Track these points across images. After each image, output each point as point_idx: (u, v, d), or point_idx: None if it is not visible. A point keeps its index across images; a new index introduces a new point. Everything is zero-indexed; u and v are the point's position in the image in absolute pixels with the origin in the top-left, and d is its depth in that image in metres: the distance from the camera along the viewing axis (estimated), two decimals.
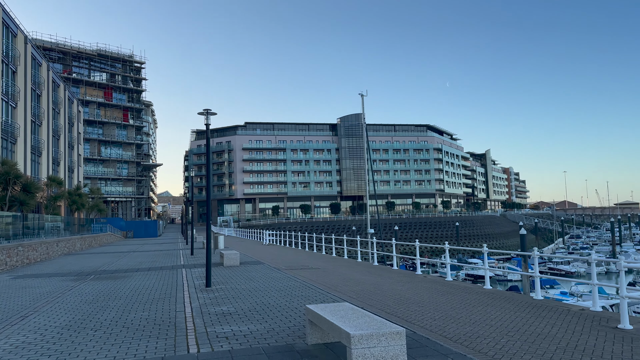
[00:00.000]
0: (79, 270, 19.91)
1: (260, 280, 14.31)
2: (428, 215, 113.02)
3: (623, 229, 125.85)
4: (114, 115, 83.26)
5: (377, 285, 12.80)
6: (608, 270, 61.69)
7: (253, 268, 18.04)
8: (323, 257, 22.66)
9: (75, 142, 63.25)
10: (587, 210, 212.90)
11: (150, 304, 10.61)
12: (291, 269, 17.27)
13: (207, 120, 13.07)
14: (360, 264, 19.14)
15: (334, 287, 12.31)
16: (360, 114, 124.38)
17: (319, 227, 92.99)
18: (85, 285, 14.50)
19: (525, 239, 48.61)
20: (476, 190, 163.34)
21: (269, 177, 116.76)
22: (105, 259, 25.80)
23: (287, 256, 23.64)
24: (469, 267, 57.81)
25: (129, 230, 67.00)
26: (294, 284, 13.23)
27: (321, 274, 15.77)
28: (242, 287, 12.70)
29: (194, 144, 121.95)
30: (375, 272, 16.23)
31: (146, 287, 13.50)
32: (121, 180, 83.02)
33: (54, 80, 53.60)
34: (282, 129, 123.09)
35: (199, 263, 21.07)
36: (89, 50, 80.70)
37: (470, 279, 54.21)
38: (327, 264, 19.50)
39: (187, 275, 16.40)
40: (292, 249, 29.87)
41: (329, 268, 17.64)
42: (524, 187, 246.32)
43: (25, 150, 41.76)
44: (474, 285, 13.00)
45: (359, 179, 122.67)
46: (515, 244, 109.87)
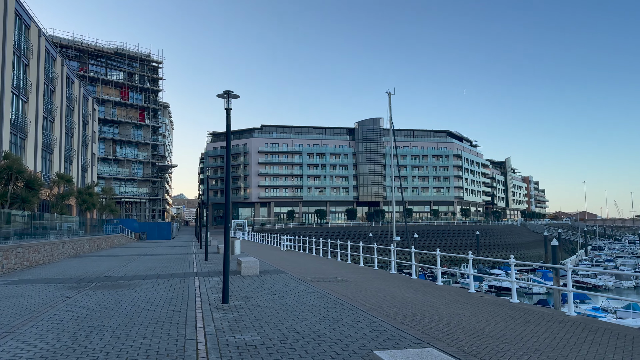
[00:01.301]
0: (81, 275, 17.97)
1: (285, 295, 12.15)
2: (447, 224, 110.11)
3: None
4: (130, 115, 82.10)
5: (429, 307, 10.55)
6: (638, 284, 58.47)
7: (275, 279, 15.90)
8: (349, 267, 20.44)
9: (90, 140, 61.94)
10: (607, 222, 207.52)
11: (154, 325, 8.51)
12: (318, 281, 15.10)
13: (228, 104, 11.01)
14: (394, 277, 16.90)
15: (379, 309, 10.10)
16: (379, 119, 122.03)
17: (334, 233, 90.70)
18: (83, 296, 12.49)
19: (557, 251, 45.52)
20: (495, 199, 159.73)
21: (285, 181, 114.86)
22: (112, 263, 23.89)
23: (309, 265, 21.48)
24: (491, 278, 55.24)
25: (142, 232, 65.41)
26: (328, 302, 11.04)
27: (354, 288, 13.57)
28: (266, 305, 10.55)
29: (209, 146, 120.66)
30: (414, 286, 13.99)
31: (152, 301, 11.43)
32: (136, 181, 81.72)
33: (69, 76, 52.30)
34: (299, 132, 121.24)
35: (214, 271, 18.99)
36: (106, 48, 79.72)
37: (492, 290, 51.54)
38: (356, 275, 17.30)
39: (200, 285, 14.32)
40: (313, 256, 27.70)
41: (360, 281, 15.44)
42: (543, 197, 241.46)
43: (35, 147, 40.28)
44: (538, 307, 10.71)
45: (376, 184, 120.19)
46: (536, 254, 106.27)
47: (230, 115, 11.10)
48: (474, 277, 47.26)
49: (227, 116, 11.09)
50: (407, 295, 12.16)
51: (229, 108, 11.04)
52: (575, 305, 41.15)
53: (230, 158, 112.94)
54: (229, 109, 11.05)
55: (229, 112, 11.06)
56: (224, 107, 11.07)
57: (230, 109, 11.06)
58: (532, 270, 69.99)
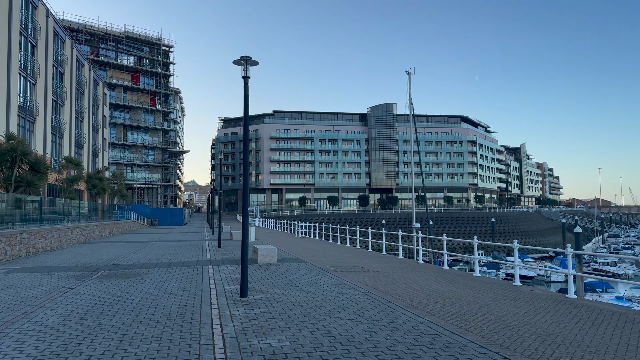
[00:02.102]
0: (88, 263, 16.90)
1: (309, 287, 10.90)
2: (461, 210, 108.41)
3: None
4: (141, 100, 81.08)
5: (477, 303, 9.23)
6: None
7: (294, 268, 14.67)
8: (371, 255, 19.17)
9: (100, 125, 61.02)
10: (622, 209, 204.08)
11: (164, 325, 7.30)
12: (342, 271, 13.84)
13: (246, 72, 9.68)
14: (424, 266, 15.60)
15: (420, 306, 8.80)
16: (392, 104, 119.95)
17: (346, 219, 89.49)
18: (87, 286, 11.35)
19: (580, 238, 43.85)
20: (510, 186, 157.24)
21: (296, 167, 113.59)
22: (122, 250, 22.86)
23: (328, 252, 20.24)
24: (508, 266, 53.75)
25: (154, 218, 64.72)
26: (359, 296, 9.76)
27: (383, 279, 12.29)
28: (290, 299, 9.30)
29: (221, 132, 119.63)
30: (450, 277, 12.67)
31: (162, 293, 10.24)
32: (147, 166, 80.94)
33: (78, 59, 51.21)
34: (311, 118, 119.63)
35: (228, 259, 17.82)
36: (117, 32, 78.51)
37: (510, 278, 50.15)
38: (381, 264, 16.02)
39: (215, 275, 13.13)
40: (329, 244, 26.47)
41: (387, 271, 14.15)
42: (557, 184, 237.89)
43: (45, 131, 39.34)
44: (603, 304, 9.34)
45: (389, 171, 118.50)
46: (552, 242, 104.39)
47: (248, 84, 9.77)
48: (489, 265, 45.57)
49: (244, 85, 9.76)
50: (446, 289, 10.85)
51: (246, 76, 9.70)
52: (598, 294, 39.70)
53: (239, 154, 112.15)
54: (247, 78, 9.72)
55: (246, 80, 9.73)
56: (242, 76, 9.74)
57: (248, 77, 9.72)
58: (549, 258, 68.41)
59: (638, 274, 55.76)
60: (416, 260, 17.59)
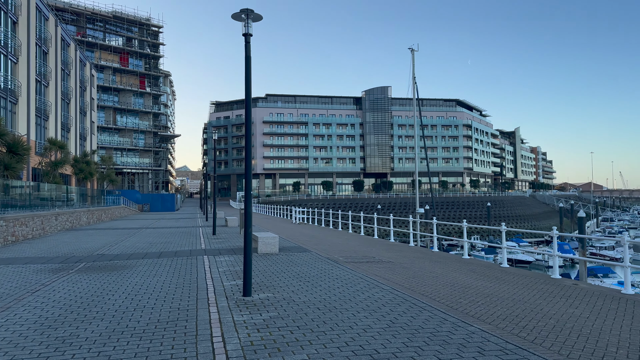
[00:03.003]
0: (70, 253, 15.36)
1: (322, 282, 9.46)
2: (456, 195, 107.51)
3: None
4: (130, 82, 78.68)
5: (525, 302, 7.83)
6: None
7: (299, 258, 13.22)
8: (378, 243, 17.80)
9: (88, 107, 58.90)
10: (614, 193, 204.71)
11: (151, 336, 5.83)
12: (354, 262, 12.42)
13: (247, 29, 8.09)
14: (441, 256, 14.23)
15: (458, 307, 7.39)
16: (387, 87, 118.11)
17: (341, 204, 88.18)
18: (64, 282, 9.84)
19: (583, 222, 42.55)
20: (504, 170, 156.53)
21: (290, 152, 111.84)
22: (110, 237, 21.31)
23: (331, 240, 18.83)
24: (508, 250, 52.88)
25: (145, 204, 63.00)
26: (382, 294, 8.33)
27: (402, 272, 10.89)
28: (302, 299, 7.85)
29: (213, 116, 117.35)
30: (476, 269, 11.30)
31: (150, 291, 8.76)
32: (137, 150, 78.87)
33: (64, 38, 48.95)
34: (305, 101, 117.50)
35: (225, 248, 16.34)
36: (104, 12, 75.79)
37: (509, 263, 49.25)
38: (392, 253, 14.63)
39: (212, 267, 11.65)
40: (330, 230, 25.09)
41: (403, 261, 12.75)
42: (550, 168, 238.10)
43: (28, 112, 37.38)
44: None
45: (383, 155, 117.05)
46: (547, 226, 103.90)
47: (250, 44, 8.18)
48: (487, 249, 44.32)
49: (245, 45, 8.18)
50: (479, 284, 9.45)
51: (248, 34, 8.12)
52: (600, 280, 38.84)
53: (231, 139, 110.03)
54: (249, 35, 8.13)
55: (248, 39, 8.15)
56: (242, 33, 8.15)
57: (250, 35, 8.14)
58: (546, 242, 67.66)
59: (636, 258, 55.08)
60: (430, 248, 16.22)
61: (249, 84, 8.23)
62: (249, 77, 8.20)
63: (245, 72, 8.19)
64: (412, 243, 17.05)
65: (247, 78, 8.20)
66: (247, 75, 8.20)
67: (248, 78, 8.19)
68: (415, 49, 28.67)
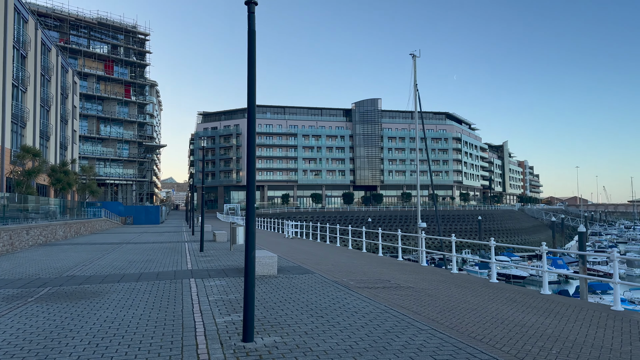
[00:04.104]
0: (35, 274, 13.27)
1: (339, 318, 7.58)
2: (446, 208, 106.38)
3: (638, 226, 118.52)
4: (114, 91, 76.40)
5: (606, 347, 6.06)
6: None
7: (303, 282, 11.33)
8: (385, 262, 15.97)
9: (70, 116, 56.54)
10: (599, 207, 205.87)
11: None
12: (368, 287, 10.56)
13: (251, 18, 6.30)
14: (464, 279, 12.44)
15: (534, 358, 5.56)
16: (377, 100, 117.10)
17: (330, 217, 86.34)
18: (15, 317, 7.82)
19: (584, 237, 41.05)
20: (493, 183, 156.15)
21: (279, 164, 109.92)
22: (85, 254, 19.20)
23: (333, 258, 16.95)
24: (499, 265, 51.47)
25: (128, 216, 60.52)
26: (422, 337, 6.47)
27: (431, 302, 9.06)
28: (322, 348, 5.96)
29: (200, 126, 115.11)
30: (514, 297, 9.51)
31: (122, 332, 6.81)
32: (122, 161, 76.37)
33: (44, 42, 46.79)
34: (294, 113, 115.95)
35: (214, 268, 14.37)
36: (89, 18, 73.73)
37: (502, 278, 47.75)
38: (406, 274, 12.81)
39: (200, 294, 9.70)
40: (328, 245, 23.21)
41: (423, 286, 10.94)
42: (537, 182, 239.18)
43: (3, 118, 35.10)
44: None
45: (373, 168, 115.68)
46: (537, 240, 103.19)
47: (254, 14, 6.38)
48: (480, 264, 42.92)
49: (249, 16, 6.38)
50: (535, 320, 7.64)
51: (252, 1, 6.32)
52: (599, 297, 37.43)
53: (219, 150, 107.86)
54: (253, 4, 6.34)
55: (252, 8, 6.35)
56: (245, 1, 6.35)
57: (254, 4, 6.35)
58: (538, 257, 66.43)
59: (629, 274, 53.91)
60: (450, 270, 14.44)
61: (253, 65, 6.41)
62: (252, 57, 6.39)
63: (249, 51, 6.38)
64: (424, 262, 15.23)
65: (250, 58, 6.39)
66: (250, 55, 6.39)
67: (252, 58, 6.38)
68: (418, 55, 27.12)
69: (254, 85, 6.51)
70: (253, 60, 6.37)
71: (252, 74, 6.40)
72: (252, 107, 6.50)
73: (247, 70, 6.39)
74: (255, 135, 6.66)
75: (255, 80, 6.46)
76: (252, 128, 6.60)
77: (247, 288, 6.25)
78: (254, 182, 6.53)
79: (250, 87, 6.43)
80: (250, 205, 6.48)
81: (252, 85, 6.43)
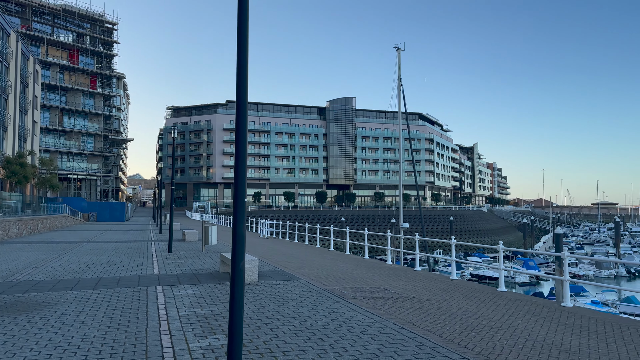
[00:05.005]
0: None
1: (342, 340, 6.14)
2: (417, 208, 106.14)
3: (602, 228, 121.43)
4: (79, 81, 72.90)
5: None
6: (617, 274, 55.60)
7: (289, 290, 9.83)
8: (377, 267, 14.62)
9: (30, 106, 53.32)
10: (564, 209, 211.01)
11: None
12: (365, 298, 9.15)
13: None
14: (469, 287, 11.18)
15: None
16: (351, 98, 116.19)
17: (303, 216, 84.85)
18: None
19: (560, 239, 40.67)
20: (463, 184, 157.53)
21: (251, 162, 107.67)
22: (39, 255, 17.21)
23: (316, 261, 15.50)
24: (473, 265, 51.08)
25: (92, 213, 57.61)
26: None
27: (444, 317, 7.72)
28: None
29: (169, 121, 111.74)
30: (534, 310, 8.27)
31: None
32: (86, 155, 72.93)
33: (2, 26, 43.76)
34: (267, 110, 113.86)
35: (186, 272, 12.71)
36: (53, 5, 70.11)
37: (474, 279, 47.35)
38: (401, 280, 11.48)
39: (169, 307, 8.10)
40: (307, 246, 21.75)
41: (427, 295, 9.60)
42: (505, 183, 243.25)
43: None
44: None
45: (347, 167, 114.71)
46: (507, 241, 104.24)
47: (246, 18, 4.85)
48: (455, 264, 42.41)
49: None
50: (570, 341, 6.37)
51: None
52: (573, 299, 37.18)
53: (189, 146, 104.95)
54: None
55: None
56: None
57: None
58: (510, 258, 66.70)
59: (598, 275, 54.31)
60: (450, 277, 13.18)
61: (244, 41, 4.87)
62: (244, 14, 4.85)
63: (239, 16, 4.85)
64: (418, 267, 13.93)
65: (241, 15, 4.85)
66: (241, 10, 4.85)
67: (243, 15, 4.84)
68: (402, 49, 25.93)
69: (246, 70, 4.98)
70: (245, 19, 4.84)
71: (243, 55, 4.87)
72: (243, 98, 4.96)
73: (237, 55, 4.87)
74: (246, 127, 5.12)
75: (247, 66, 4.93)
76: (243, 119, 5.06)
77: (234, 309, 4.72)
78: (244, 176, 5.01)
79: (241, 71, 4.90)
80: (239, 202, 4.95)
81: (244, 68, 4.89)
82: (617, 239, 78.45)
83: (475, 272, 49.53)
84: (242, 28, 4.88)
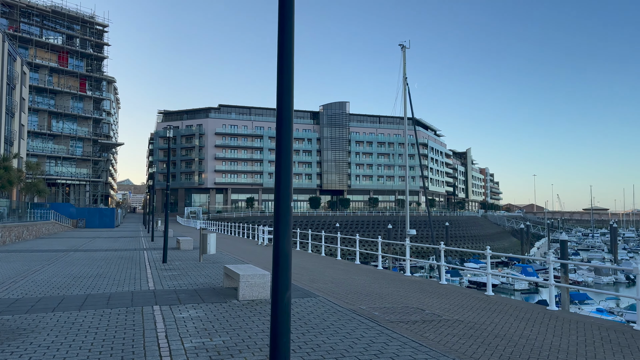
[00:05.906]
0: None
1: None
2: (412, 214, 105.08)
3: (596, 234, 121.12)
4: (69, 84, 71.02)
5: None
6: (617, 280, 54.76)
7: (310, 312, 8.42)
8: (392, 278, 13.23)
9: (17, 108, 51.48)
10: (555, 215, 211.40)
11: None
12: (401, 321, 7.76)
13: None
14: (508, 303, 9.83)
15: None
16: (345, 103, 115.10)
17: (297, 222, 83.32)
18: None
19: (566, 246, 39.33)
20: (457, 190, 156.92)
21: (244, 166, 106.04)
22: (20, 266, 15.62)
23: (328, 273, 14.08)
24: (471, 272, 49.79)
25: (81, 219, 55.71)
26: None
27: (506, 346, 6.34)
28: None
29: (160, 125, 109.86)
30: (600, 334, 6.95)
31: None
32: (74, 159, 70.94)
33: None
34: (260, 114, 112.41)
35: (185, 288, 11.24)
36: (42, 6, 68.34)
37: (473, 286, 46.20)
38: (432, 297, 10.11)
39: (170, 336, 6.65)
40: (313, 255, 20.33)
41: (469, 317, 8.22)
42: (497, 189, 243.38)
43: None
44: None
45: (340, 172, 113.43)
46: (502, 247, 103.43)
47: None
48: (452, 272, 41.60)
49: None
50: None
51: None
52: (577, 307, 36.08)
53: (180, 151, 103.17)
54: None
55: None
56: None
57: None
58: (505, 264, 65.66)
59: (597, 281, 53.37)
60: (485, 292, 11.78)
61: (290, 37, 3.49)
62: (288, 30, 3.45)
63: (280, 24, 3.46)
64: (443, 280, 12.55)
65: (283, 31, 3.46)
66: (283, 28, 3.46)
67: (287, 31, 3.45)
68: (407, 47, 24.71)
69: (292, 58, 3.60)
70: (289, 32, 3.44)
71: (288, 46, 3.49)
72: (287, 87, 3.57)
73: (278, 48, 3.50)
74: (292, 126, 3.74)
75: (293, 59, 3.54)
76: (288, 116, 3.65)
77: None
78: (289, 180, 3.62)
79: (286, 48, 3.52)
80: (281, 210, 3.55)
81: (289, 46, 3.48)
82: (614, 245, 77.66)
83: (475, 280, 48.39)
84: (286, 34, 3.51)
